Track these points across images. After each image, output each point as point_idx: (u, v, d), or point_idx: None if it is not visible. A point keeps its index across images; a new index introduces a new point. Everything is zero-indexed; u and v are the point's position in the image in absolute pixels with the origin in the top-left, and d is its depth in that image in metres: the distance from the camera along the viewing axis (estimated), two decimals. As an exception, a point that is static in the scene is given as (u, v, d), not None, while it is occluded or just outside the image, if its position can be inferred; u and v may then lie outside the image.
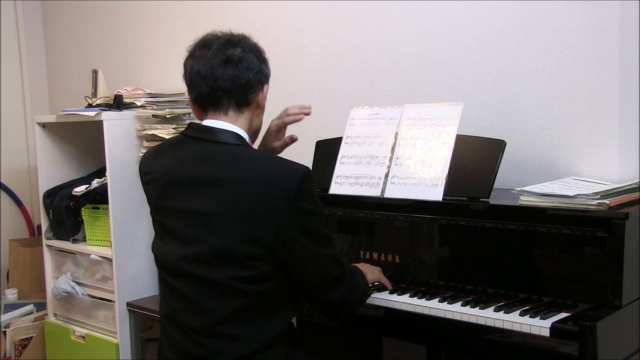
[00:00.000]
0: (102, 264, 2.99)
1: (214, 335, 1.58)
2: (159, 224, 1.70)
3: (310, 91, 2.80)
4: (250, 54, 1.67)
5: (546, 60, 2.13)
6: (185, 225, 1.60)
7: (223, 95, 1.66)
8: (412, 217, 1.98)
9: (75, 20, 3.96)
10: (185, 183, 1.62)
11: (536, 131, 2.17)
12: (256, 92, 1.69)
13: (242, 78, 1.65)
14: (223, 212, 1.55)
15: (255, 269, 1.55)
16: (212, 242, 1.56)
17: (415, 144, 2.03)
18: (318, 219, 1.61)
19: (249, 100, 1.69)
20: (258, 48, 1.72)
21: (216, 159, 1.61)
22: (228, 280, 1.55)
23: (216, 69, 1.64)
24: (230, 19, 3.05)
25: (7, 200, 3.98)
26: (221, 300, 1.57)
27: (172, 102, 3.06)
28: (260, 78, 1.69)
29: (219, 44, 1.66)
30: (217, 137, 1.65)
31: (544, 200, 1.76)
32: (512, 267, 1.81)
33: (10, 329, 3.37)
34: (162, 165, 1.69)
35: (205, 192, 1.58)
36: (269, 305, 1.60)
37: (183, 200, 1.61)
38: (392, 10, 2.51)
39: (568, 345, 1.53)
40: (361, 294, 1.75)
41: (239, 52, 1.65)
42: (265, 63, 1.72)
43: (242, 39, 1.70)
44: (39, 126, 3.22)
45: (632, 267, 1.66)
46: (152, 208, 1.73)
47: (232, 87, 1.65)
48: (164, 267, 1.68)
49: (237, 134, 1.67)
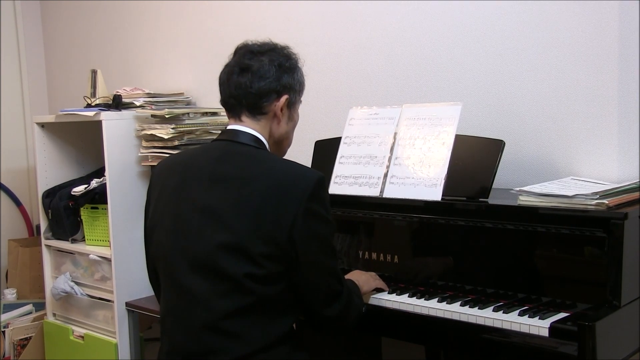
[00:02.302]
0: (101, 264, 2.99)
1: (215, 332, 1.58)
2: (172, 215, 1.68)
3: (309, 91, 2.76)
4: (271, 64, 1.70)
5: (545, 60, 2.13)
6: (199, 219, 1.62)
7: (235, 102, 1.72)
8: (411, 217, 1.98)
9: (74, 20, 3.96)
10: (204, 179, 1.65)
11: (535, 131, 2.17)
12: (270, 100, 1.71)
13: (251, 87, 1.69)
14: (237, 210, 1.58)
15: (265, 268, 1.56)
16: (225, 236, 1.57)
17: (414, 144, 2.03)
18: (328, 227, 1.64)
19: (262, 108, 1.71)
20: (286, 60, 1.74)
21: (235, 158, 1.66)
22: (241, 277, 1.56)
23: (231, 76, 1.71)
24: (230, 19, 3.05)
25: (6, 200, 3.98)
26: (227, 297, 1.57)
27: (171, 102, 3.06)
28: (276, 87, 1.71)
29: (244, 52, 1.73)
30: (237, 138, 1.70)
31: (543, 200, 1.76)
32: (511, 267, 1.81)
33: (9, 329, 3.37)
34: (183, 159, 1.75)
35: (222, 189, 1.61)
36: (273, 307, 1.61)
37: (200, 194, 1.64)
38: (392, 10, 2.51)
39: (567, 345, 1.53)
40: (357, 312, 1.77)
41: (257, 62, 1.70)
42: (289, 74, 1.74)
43: (272, 49, 1.74)
44: (38, 126, 3.22)
45: (631, 267, 1.65)
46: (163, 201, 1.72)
47: (242, 95, 1.70)
48: (167, 261, 1.68)
49: (256, 137, 1.71)
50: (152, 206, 1.76)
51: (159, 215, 1.72)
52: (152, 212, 1.75)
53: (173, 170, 1.74)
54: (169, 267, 1.68)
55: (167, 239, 1.67)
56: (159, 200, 1.74)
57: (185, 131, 2.82)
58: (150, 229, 1.76)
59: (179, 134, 2.79)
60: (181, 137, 2.80)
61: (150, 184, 1.80)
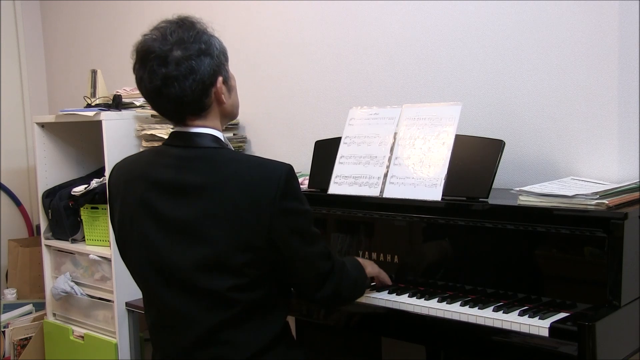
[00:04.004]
0: (101, 264, 2.99)
1: (208, 345, 1.55)
2: (138, 233, 1.58)
3: (309, 91, 2.80)
4: (189, 59, 1.53)
5: (545, 60, 2.13)
6: (172, 234, 1.53)
7: (175, 112, 1.60)
8: (411, 217, 1.98)
9: (74, 20, 3.96)
10: (168, 191, 1.55)
11: (535, 131, 2.17)
12: (208, 94, 1.58)
13: (185, 95, 1.54)
14: (209, 221, 1.50)
15: (248, 276, 1.52)
16: (201, 251, 1.51)
17: (414, 144, 2.03)
18: (305, 217, 1.58)
19: (205, 105, 1.59)
20: (197, 42, 1.56)
21: (196, 165, 1.55)
22: (224, 291, 1.51)
23: (159, 92, 1.55)
24: (230, 19, 3.05)
25: (6, 200, 3.98)
26: (212, 311, 1.53)
27: (171, 102, 3.06)
28: (207, 78, 1.56)
29: (153, 59, 1.54)
30: (193, 142, 1.59)
31: (543, 200, 1.76)
32: (511, 267, 1.81)
33: (10, 329, 3.37)
34: (139, 170, 1.62)
35: (190, 201, 1.52)
36: (262, 309, 1.58)
37: (165, 209, 1.54)
38: (392, 11, 2.51)
39: (567, 345, 1.53)
40: (352, 283, 1.73)
41: (174, 64, 1.52)
42: (209, 55, 1.56)
43: (179, 40, 1.55)
44: (38, 126, 3.22)
45: (631, 267, 1.65)
46: (127, 217, 1.61)
47: (179, 105, 1.57)
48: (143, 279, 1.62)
49: (212, 135, 1.60)
50: (116, 219, 1.66)
51: (127, 232, 1.62)
52: (118, 227, 1.66)
53: (132, 182, 1.61)
54: (146, 285, 1.62)
55: (139, 258, 1.60)
56: (122, 214, 1.63)
57: (185, 131, 2.81)
58: (121, 241, 1.66)
59: (179, 134, 2.79)
60: (181, 137, 2.80)
61: (110, 194, 1.70)
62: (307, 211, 1.58)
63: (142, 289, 1.66)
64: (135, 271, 1.65)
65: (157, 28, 1.60)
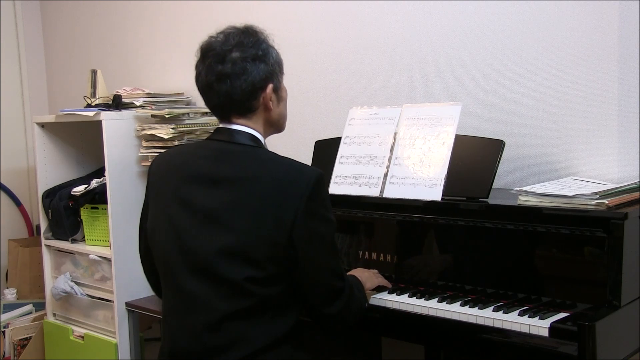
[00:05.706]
0: (101, 264, 2.99)
1: (217, 334, 1.58)
2: (168, 217, 1.67)
3: (309, 91, 2.80)
4: (244, 61, 1.65)
5: (545, 60, 2.13)
6: (199, 222, 1.61)
7: (222, 108, 1.70)
8: (411, 217, 1.98)
9: (74, 20, 3.96)
10: (202, 180, 1.63)
11: (535, 131, 2.17)
12: (257, 97, 1.68)
13: (234, 93, 1.65)
14: (237, 211, 1.57)
15: (266, 270, 1.57)
16: (226, 239, 1.57)
17: (414, 144, 2.03)
18: (328, 226, 1.63)
19: (251, 107, 1.69)
20: (257, 49, 1.68)
21: (232, 158, 1.64)
22: (241, 281, 1.56)
23: (211, 87, 1.68)
24: (230, 19, 3.04)
25: (6, 200, 3.98)
26: (228, 300, 1.58)
27: (171, 102, 3.06)
28: (258, 82, 1.67)
29: (212, 56, 1.67)
30: (233, 138, 1.68)
31: (543, 200, 1.76)
32: (511, 267, 1.81)
33: (9, 329, 3.37)
34: (180, 159, 1.72)
35: (221, 191, 1.60)
36: (274, 307, 1.61)
37: (199, 197, 1.62)
38: (392, 10, 2.51)
39: (567, 345, 1.53)
40: (358, 308, 1.77)
41: (230, 64, 1.64)
42: (265, 62, 1.68)
43: (239, 43, 1.67)
44: (38, 126, 3.22)
45: (631, 267, 1.65)
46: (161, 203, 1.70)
47: (227, 102, 1.68)
48: (167, 263, 1.67)
49: (252, 135, 1.70)
50: (150, 207, 1.75)
51: (158, 218, 1.71)
52: (151, 214, 1.74)
53: (169, 171, 1.71)
54: (169, 270, 1.67)
55: (166, 242, 1.66)
56: (157, 201, 1.72)
57: (185, 131, 2.82)
58: (150, 229, 1.74)
59: (179, 134, 2.79)
60: (181, 137, 2.80)
61: (148, 184, 1.79)
62: (331, 220, 1.64)
63: (163, 274, 1.71)
64: (159, 254, 1.71)
65: (223, 32, 1.72)
